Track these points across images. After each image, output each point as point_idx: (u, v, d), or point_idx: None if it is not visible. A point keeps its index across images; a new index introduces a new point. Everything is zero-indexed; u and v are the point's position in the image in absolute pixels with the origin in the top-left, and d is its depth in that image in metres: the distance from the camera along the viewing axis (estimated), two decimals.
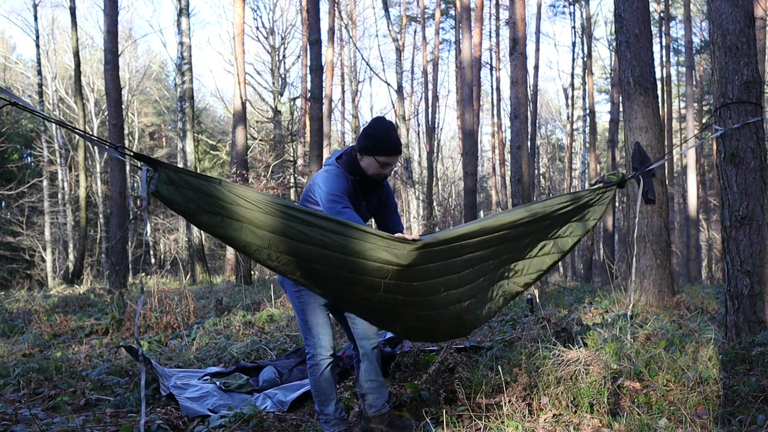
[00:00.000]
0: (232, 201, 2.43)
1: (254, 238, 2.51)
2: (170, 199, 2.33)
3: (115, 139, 12.34)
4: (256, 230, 2.50)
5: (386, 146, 3.03)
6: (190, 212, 2.40)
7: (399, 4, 28.82)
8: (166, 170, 2.31)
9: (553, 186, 40.92)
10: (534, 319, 5.52)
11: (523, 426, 2.97)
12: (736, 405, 3.17)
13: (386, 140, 3.03)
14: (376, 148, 3.03)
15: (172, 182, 2.32)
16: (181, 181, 2.34)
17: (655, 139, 6.66)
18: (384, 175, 3.11)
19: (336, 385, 3.28)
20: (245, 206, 2.46)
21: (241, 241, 2.52)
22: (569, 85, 29.37)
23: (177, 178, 2.33)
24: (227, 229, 2.48)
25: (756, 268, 4.18)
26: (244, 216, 2.47)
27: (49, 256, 24.32)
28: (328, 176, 3.03)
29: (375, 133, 3.05)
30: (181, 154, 18.51)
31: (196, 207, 2.39)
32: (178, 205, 2.36)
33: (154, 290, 8.60)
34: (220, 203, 2.42)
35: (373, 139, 3.04)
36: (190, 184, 2.36)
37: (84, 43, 28.18)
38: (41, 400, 4.11)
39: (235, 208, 2.44)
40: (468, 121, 14.77)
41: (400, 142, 3.12)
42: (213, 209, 2.42)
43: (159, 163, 2.31)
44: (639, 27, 6.70)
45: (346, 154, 3.14)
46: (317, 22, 12.07)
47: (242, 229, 2.49)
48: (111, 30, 12.26)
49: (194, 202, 2.37)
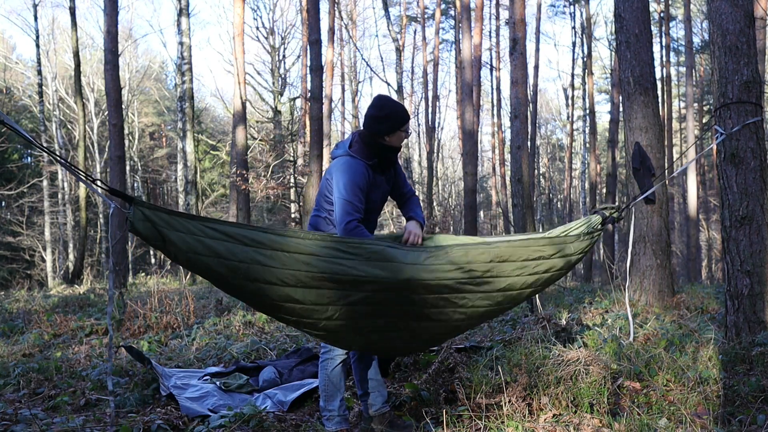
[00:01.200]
0: (211, 236, 2.41)
1: (228, 271, 2.48)
2: (146, 235, 2.33)
3: (115, 138, 12.34)
4: (226, 262, 2.46)
5: (403, 114, 3.14)
6: (165, 250, 2.39)
7: (399, 4, 28.84)
8: (141, 208, 2.30)
9: (553, 186, 40.92)
10: (534, 319, 5.52)
11: (523, 426, 2.97)
12: (736, 405, 3.17)
13: (401, 109, 3.14)
14: (398, 121, 3.11)
15: (148, 219, 2.31)
16: (157, 218, 2.32)
17: (655, 139, 6.66)
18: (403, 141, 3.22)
19: (345, 383, 3.28)
20: (221, 239, 2.43)
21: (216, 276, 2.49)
22: (569, 85, 29.38)
23: (152, 215, 2.31)
24: (203, 265, 2.45)
25: (756, 268, 4.18)
26: (219, 251, 2.43)
27: (49, 256, 24.31)
28: (345, 171, 3.05)
29: (389, 109, 3.11)
30: (181, 154, 18.52)
31: (172, 244, 2.36)
32: (154, 241, 2.35)
33: (154, 290, 8.60)
34: (198, 239, 2.39)
35: (392, 114, 3.10)
36: (165, 221, 2.34)
37: (84, 43, 28.21)
38: (41, 400, 4.11)
39: (212, 242, 2.42)
40: (468, 121, 14.77)
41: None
42: (190, 246, 2.39)
43: (133, 201, 2.30)
44: (639, 27, 6.70)
45: (356, 142, 3.15)
46: (317, 22, 12.07)
47: (219, 265, 2.45)
48: (111, 30, 12.26)
49: (170, 240, 2.35)
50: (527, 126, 11.54)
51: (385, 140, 3.13)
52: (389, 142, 3.14)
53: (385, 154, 3.14)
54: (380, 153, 3.13)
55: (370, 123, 3.10)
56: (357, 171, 3.05)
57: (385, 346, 3.05)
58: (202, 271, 2.47)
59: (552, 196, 39.79)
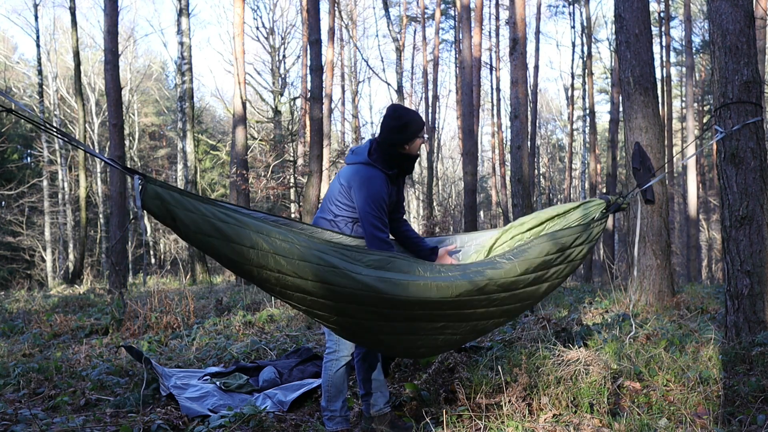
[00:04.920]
0: (222, 219, 2.41)
1: (237, 256, 2.46)
2: (157, 213, 2.33)
3: (115, 138, 12.34)
4: (236, 246, 2.44)
5: (420, 121, 3.15)
6: (176, 228, 2.39)
7: (399, 4, 28.86)
8: (154, 186, 2.30)
9: (553, 186, 40.93)
10: (534, 319, 5.52)
11: (523, 426, 2.97)
12: (736, 405, 3.17)
13: (417, 117, 3.15)
14: (417, 130, 3.12)
15: (159, 197, 2.31)
16: (168, 196, 2.32)
17: (655, 139, 6.66)
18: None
19: (348, 384, 3.28)
20: (232, 223, 2.42)
21: (226, 259, 2.48)
22: (569, 85, 29.37)
23: (164, 193, 2.31)
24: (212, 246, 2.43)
25: (756, 268, 4.18)
26: (229, 235, 2.42)
27: (49, 256, 24.31)
28: (369, 184, 3.05)
29: (407, 118, 3.11)
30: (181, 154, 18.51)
31: (182, 223, 2.36)
32: (164, 219, 2.35)
33: (154, 290, 8.60)
34: (208, 221, 2.39)
35: (410, 123, 3.11)
36: (176, 200, 2.34)
37: (85, 42, 28.23)
38: (41, 400, 4.11)
39: (223, 225, 2.41)
40: (468, 121, 14.77)
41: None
42: (199, 227, 2.38)
43: (147, 178, 2.30)
44: (639, 27, 6.70)
45: (375, 151, 3.14)
46: (317, 22, 12.07)
47: (229, 249, 2.43)
48: (111, 30, 12.26)
49: (180, 218, 2.35)
50: (527, 126, 11.55)
51: (404, 149, 3.14)
52: (409, 150, 3.15)
53: (405, 162, 3.16)
54: (400, 162, 3.15)
55: (389, 134, 3.09)
56: (380, 183, 3.05)
57: (396, 348, 3.03)
58: (212, 252, 2.45)
59: (552, 196, 39.81)
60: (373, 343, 2.96)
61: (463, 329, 2.90)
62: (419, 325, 2.79)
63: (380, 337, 2.83)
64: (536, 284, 2.94)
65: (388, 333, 2.80)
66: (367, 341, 2.95)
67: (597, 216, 3.15)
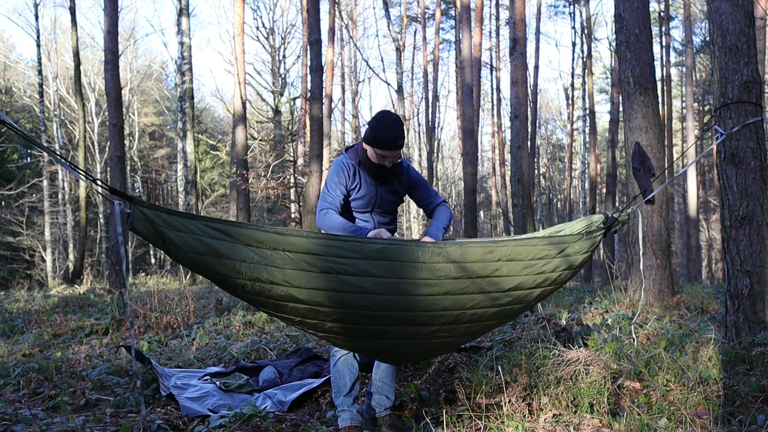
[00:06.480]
0: (212, 235, 2.41)
1: (230, 271, 2.47)
2: (147, 235, 2.33)
3: (115, 138, 12.34)
4: (228, 262, 2.45)
5: (383, 141, 3.10)
6: (166, 249, 2.39)
7: (399, 4, 28.86)
8: (141, 208, 2.30)
9: (553, 186, 40.93)
10: (534, 319, 5.52)
11: (523, 426, 2.97)
12: (736, 405, 3.17)
13: (384, 135, 3.09)
14: (375, 141, 3.11)
15: (148, 219, 2.31)
16: (157, 218, 2.32)
17: (655, 139, 6.66)
18: (384, 165, 3.18)
19: (354, 379, 3.25)
20: (222, 239, 2.42)
21: (218, 276, 2.49)
22: (569, 85, 29.37)
23: (152, 215, 2.31)
24: (204, 264, 2.44)
25: (756, 268, 4.18)
26: (221, 251, 2.43)
27: (49, 256, 24.31)
28: (331, 169, 3.26)
29: (377, 126, 3.12)
30: (181, 154, 18.53)
31: (173, 244, 2.36)
32: (154, 241, 2.36)
33: (154, 290, 8.60)
34: (199, 239, 2.39)
35: (374, 132, 3.12)
36: (165, 221, 2.34)
37: (85, 42, 28.20)
38: (41, 400, 4.11)
39: (213, 242, 2.41)
40: (468, 121, 14.77)
41: (401, 137, 3.13)
42: (190, 246, 2.38)
43: (134, 201, 2.29)
44: (639, 27, 6.70)
45: (358, 144, 3.29)
46: (317, 22, 12.07)
47: (221, 265, 2.44)
48: (111, 30, 12.25)
49: (170, 239, 2.35)
50: (527, 126, 11.54)
51: (367, 149, 3.18)
52: (367, 150, 3.18)
53: (366, 161, 3.19)
54: (364, 158, 3.21)
55: (367, 128, 3.19)
56: (339, 168, 3.21)
57: (392, 353, 3.03)
58: (204, 270, 2.46)
59: (552, 196, 39.82)
60: (366, 348, 2.98)
61: (456, 332, 2.91)
62: (414, 329, 2.80)
63: (374, 342, 2.84)
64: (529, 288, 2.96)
65: (382, 338, 2.80)
66: (361, 347, 2.97)
67: (593, 230, 3.17)
